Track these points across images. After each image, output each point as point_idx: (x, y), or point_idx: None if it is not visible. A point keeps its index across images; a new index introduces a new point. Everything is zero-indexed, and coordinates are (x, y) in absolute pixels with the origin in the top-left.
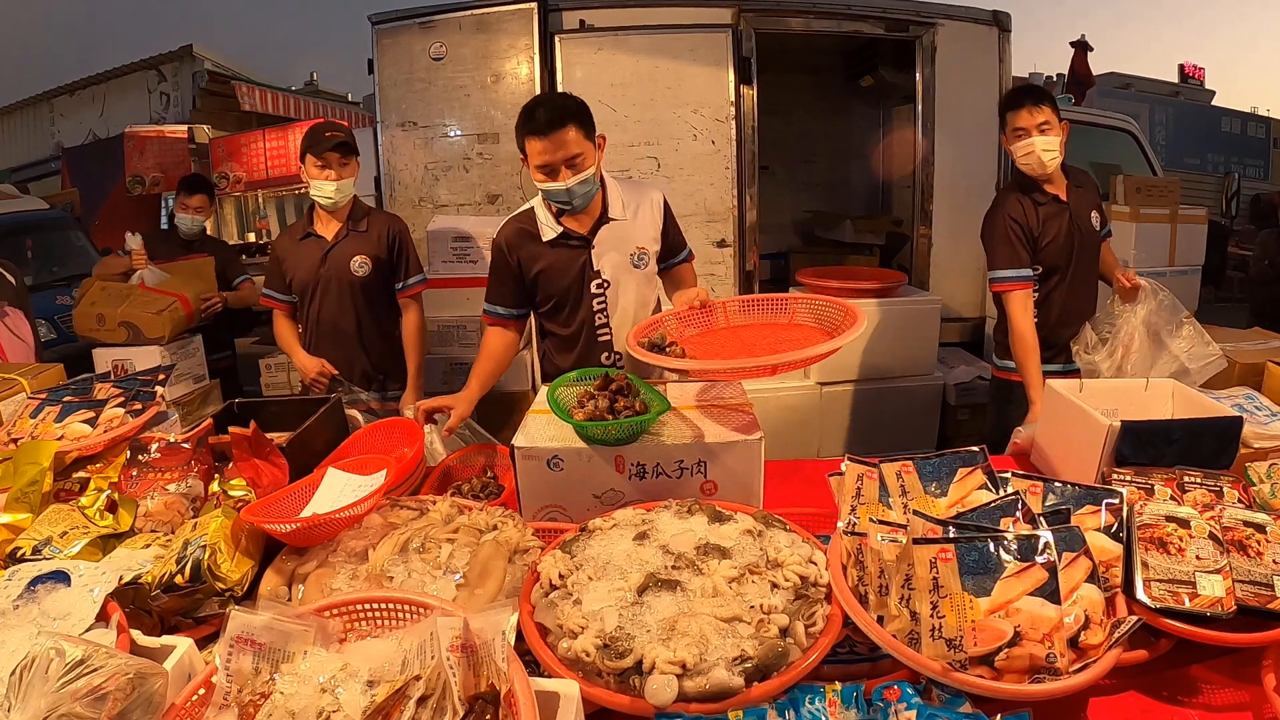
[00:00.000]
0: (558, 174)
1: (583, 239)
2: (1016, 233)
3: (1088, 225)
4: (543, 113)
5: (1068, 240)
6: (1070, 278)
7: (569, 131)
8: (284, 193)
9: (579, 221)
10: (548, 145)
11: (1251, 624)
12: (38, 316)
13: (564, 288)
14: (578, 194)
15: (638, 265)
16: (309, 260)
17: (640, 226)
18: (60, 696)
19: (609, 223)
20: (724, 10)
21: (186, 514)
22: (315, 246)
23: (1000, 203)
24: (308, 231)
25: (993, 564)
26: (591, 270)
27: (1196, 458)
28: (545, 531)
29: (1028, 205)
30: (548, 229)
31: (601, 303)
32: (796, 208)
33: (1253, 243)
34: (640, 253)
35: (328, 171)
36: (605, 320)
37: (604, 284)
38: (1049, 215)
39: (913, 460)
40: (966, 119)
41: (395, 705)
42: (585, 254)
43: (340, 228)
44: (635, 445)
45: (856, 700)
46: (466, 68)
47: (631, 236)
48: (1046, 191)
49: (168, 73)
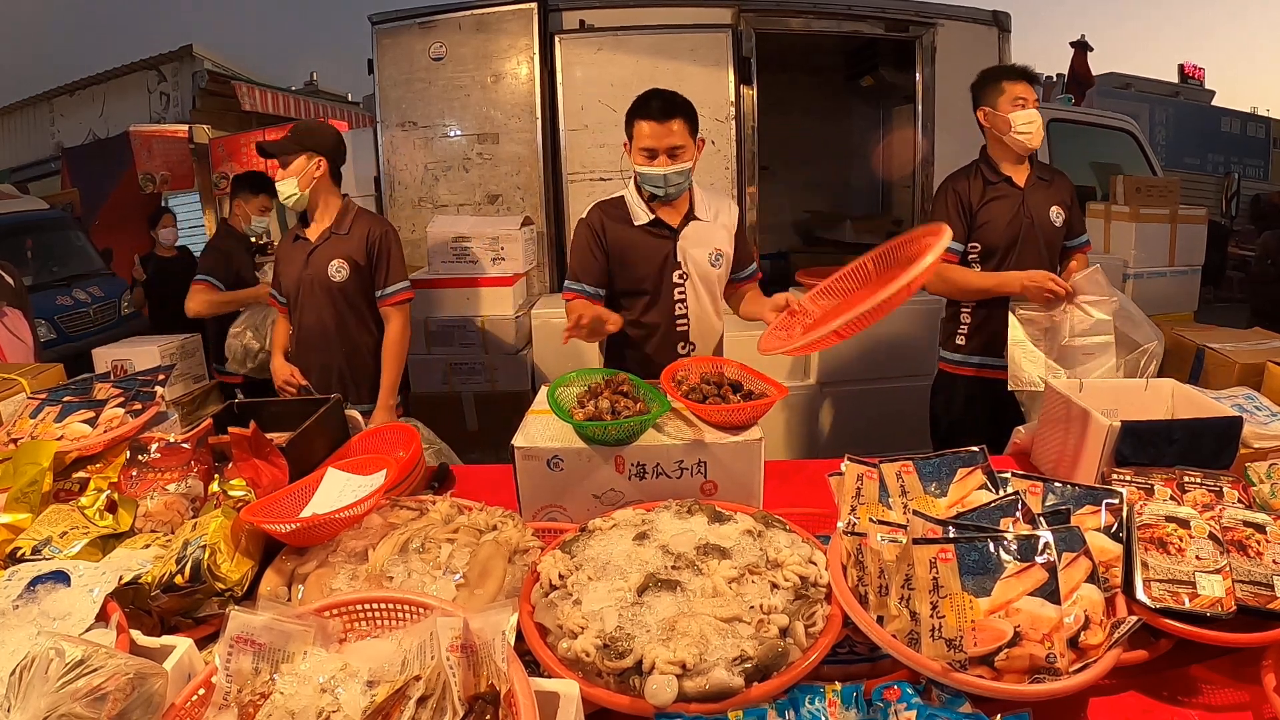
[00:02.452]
0: (658, 159)
1: (671, 230)
2: (954, 205)
3: (1042, 218)
4: (657, 101)
5: (1011, 225)
6: (1012, 266)
7: (678, 122)
8: None
9: (669, 213)
10: (657, 130)
11: (1251, 624)
12: (38, 316)
13: (647, 274)
14: (673, 182)
15: (714, 265)
16: (295, 262)
17: (719, 230)
18: (60, 696)
19: (694, 220)
20: (724, 10)
21: (186, 514)
22: (300, 248)
23: (952, 175)
24: (298, 234)
25: (993, 564)
26: (674, 261)
27: (1196, 458)
28: (545, 531)
29: (975, 182)
30: (640, 213)
31: (682, 293)
32: (796, 208)
33: (1253, 243)
34: (717, 254)
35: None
36: (685, 311)
37: (685, 276)
38: (995, 196)
39: (913, 460)
40: (966, 119)
41: (395, 705)
42: (672, 244)
43: (325, 229)
44: (635, 445)
45: (856, 700)
46: (466, 68)
47: (712, 238)
48: (1001, 173)
49: (168, 73)
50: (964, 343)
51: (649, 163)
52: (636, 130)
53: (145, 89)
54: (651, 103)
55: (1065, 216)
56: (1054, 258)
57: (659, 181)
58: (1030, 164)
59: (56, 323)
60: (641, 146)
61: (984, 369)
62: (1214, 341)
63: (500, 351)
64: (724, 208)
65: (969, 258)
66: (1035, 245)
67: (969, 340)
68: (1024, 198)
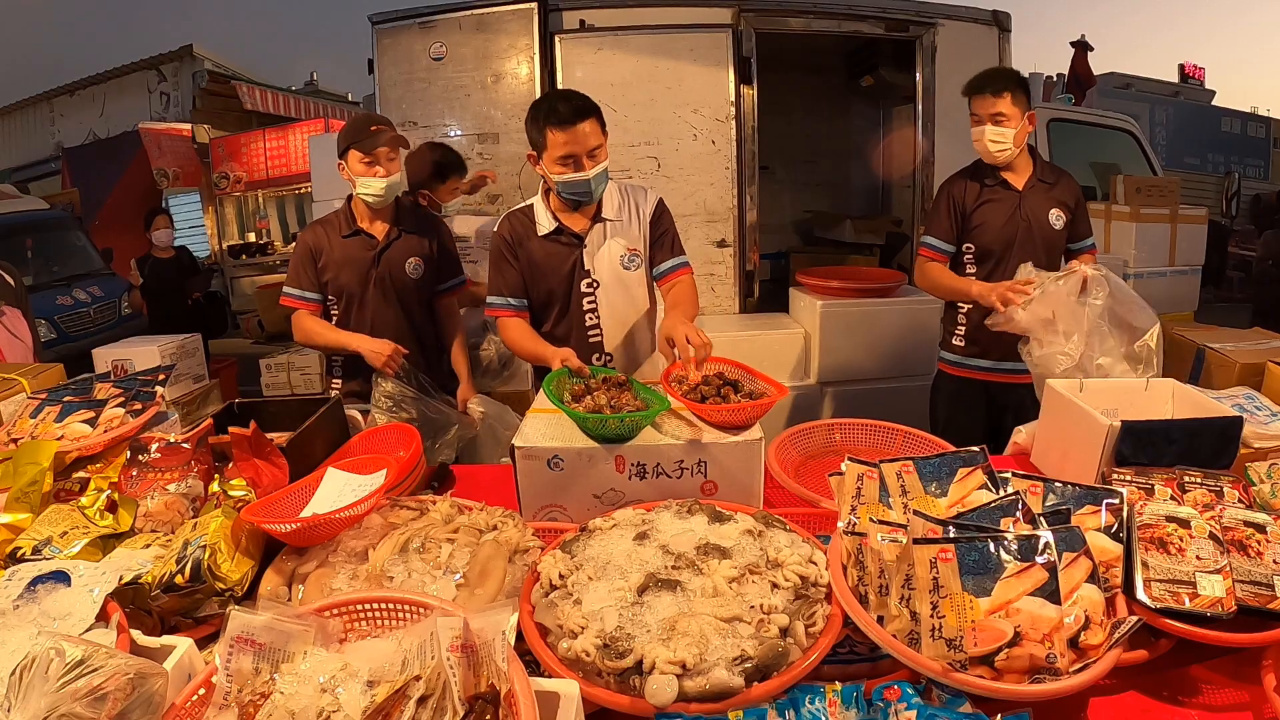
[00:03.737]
0: (580, 165)
1: (576, 236)
2: (949, 206)
3: (1041, 221)
4: (565, 105)
5: (1007, 228)
6: (1010, 269)
7: (591, 122)
8: (284, 193)
9: (574, 219)
10: (572, 136)
11: (1251, 624)
12: (38, 316)
13: (555, 285)
14: (599, 184)
15: (628, 267)
16: (358, 260)
17: (631, 228)
18: (60, 696)
19: (602, 222)
20: (724, 10)
21: (186, 514)
22: (364, 245)
23: (951, 176)
24: (354, 229)
25: (993, 564)
26: (582, 269)
27: (1196, 458)
28: (545, 531)
29: (971, 185)
30: (545, 222)
31: (592, 302)
32: (796, 208)
33: (1253, 243)
34: (632, 254)
35: (376, 168)
36: (596, 320)
37: (594, 284)
38: (990, 199)
39: (913, 460)
40: (966, 119)
41: (395, 705)
42: (577, 252)
43: (389, 227)
44: (635, 445)
45: (856, 700)
46: (466, 68)
47: (624, 238)
48: (998, 176)
49: (168, 73)
50: (961, 344)
51: (570, 170)
52: (550, 138)
53: (145, 89)
54: (559, 106)
55: (1067, 219)
56: (1055, 260)
57: (584, 187)
58: (1034, 166)
59: (56, 323)
60: (557, 155)
61: (981, 371)
62: (1214, 341)
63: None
64: (640, 200)
65: (964, 259)
66: (1033, 248)
67: (967, 341)
68: (1021, 200)
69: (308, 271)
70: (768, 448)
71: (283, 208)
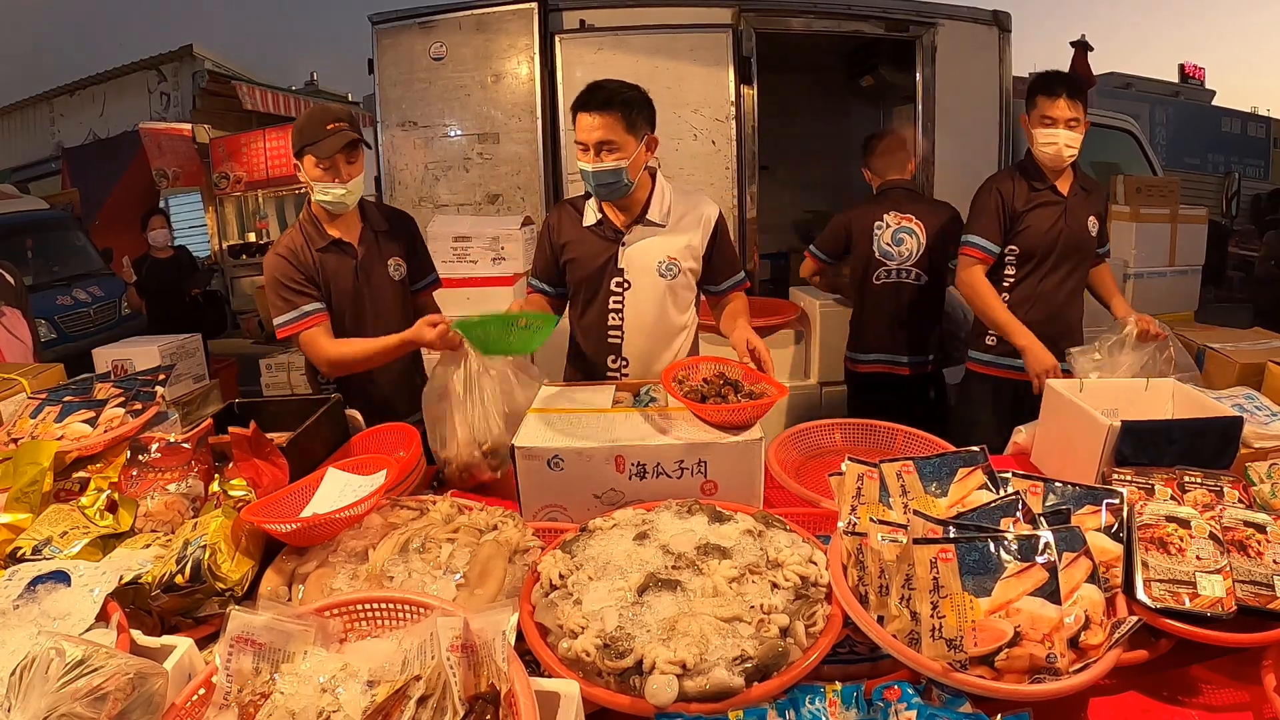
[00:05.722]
0: (597, 155)
1: (616, 232)
2: (998, 205)
3: (1080, 228)
4: (597, 91)
5: (1051, 232)
6: (1050, 273)
7: (611, 116)
8: (284, 193)
9: (617, 215)
10: (588, 122)
11: (1251, 624)
12: (38, 316)
13: (588, 275)
14: (602, 180)
15: (664, 275)
16: (344, 270)
17: (678, 237)
18: (60, 696)
19: (644, 224)
20: (724, 10)
21: (186, 514)
22: (344, 254)
23: (997, 175)
24: (330, 239)
25: (993, 564)
26: (615, 266)
27: (1196, 458)
28: (545, 531)
29: (1020, 185)
30: (590, 213)
31: (618, 302)
32: (796, 208)
33: (1253, 243)
34: (670, 263)
35: (333, 173)
36: (619, 322)
37: (625, 284)
38: (1039, 202)
39: (913, 460)
40: (966, 119)
41: (395, 705)
42: (614, 248)
43: (362, 229)
44: (635, 445)
45: (857, 700)
46: (466, 68)
47: (665, 245)
48: (1046, 180)
49: (168, 73)
50: (994, 343)
51: (585, 157)
52: (577, 122)
53: (145, 89)
54: (591, 93)
55: (1099, 228)
56: (1086, 267)
57: (587, 179)
58: (1074, 173)
59: (56, 323)
60: (577, 138)
61: (1015, 371)
62: (1214, 341)
63: None
64: (693, 213)
65: (1006, 259)
66: (1072, 254)
67: (999, 340)
68: (1066, 207)
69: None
70: (768, 448)
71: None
